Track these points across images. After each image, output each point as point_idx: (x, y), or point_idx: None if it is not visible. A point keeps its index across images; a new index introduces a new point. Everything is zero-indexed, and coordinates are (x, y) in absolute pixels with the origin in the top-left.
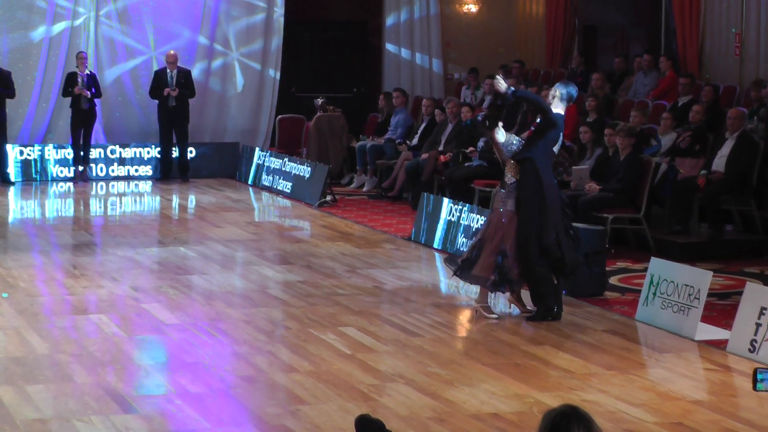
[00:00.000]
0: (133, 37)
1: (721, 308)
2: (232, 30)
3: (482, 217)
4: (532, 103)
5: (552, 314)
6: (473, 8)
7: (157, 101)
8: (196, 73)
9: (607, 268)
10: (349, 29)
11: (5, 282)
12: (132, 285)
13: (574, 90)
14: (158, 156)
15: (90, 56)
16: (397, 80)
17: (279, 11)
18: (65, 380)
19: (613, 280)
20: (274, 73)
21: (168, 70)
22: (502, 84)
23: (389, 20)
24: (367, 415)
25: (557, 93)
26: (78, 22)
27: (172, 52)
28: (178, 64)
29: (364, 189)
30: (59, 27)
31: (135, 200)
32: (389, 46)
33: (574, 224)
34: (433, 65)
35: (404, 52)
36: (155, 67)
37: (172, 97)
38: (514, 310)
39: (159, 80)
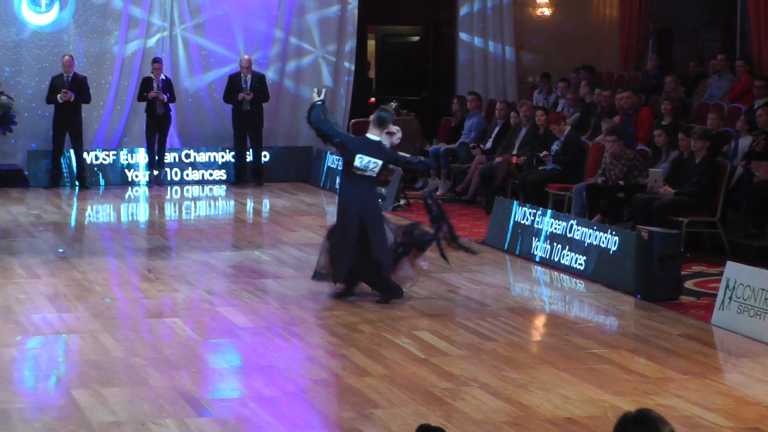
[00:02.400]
0: (215, 43)
1: None
2: (307, 32)
3: (557, 221)
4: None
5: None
6: (546, 11)
7: (231, 105)
8: (270, 75)
9: (682, 272)
10: (422, 32)
11: (81, 286)
12: (206, 289)
13: (385, 114)
14: (232, 160)
15: (165, 61)
16: (471, 84)
17: (351, 16)
18: (140, 383)
19: (688, 284)
20: (348, 77)
21: (242, 75)
22: (315, 96)
23: (463, 10)
24: (427, 425)
25: (371, 117)
26: (153, 28)
27: (246, 56)
28: (253, 69)
29: (438, 193)
30: (134, 32)
31: (209, 204)
32: (462, 37)
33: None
34: (507, 69)
35: (477, 52)
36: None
37: (247, 101)
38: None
39: (233, 85)
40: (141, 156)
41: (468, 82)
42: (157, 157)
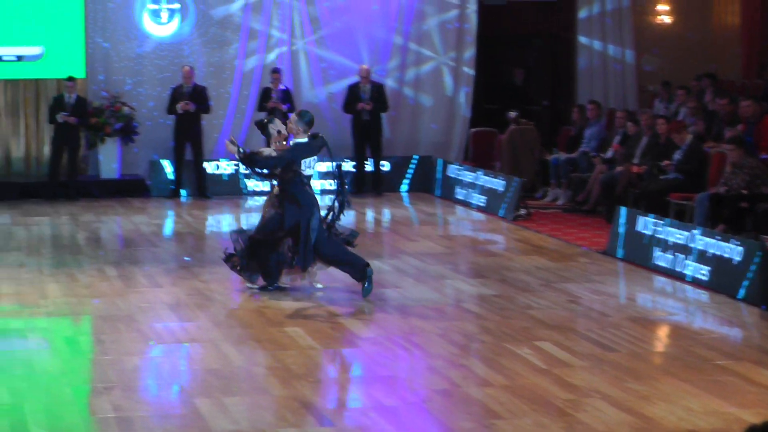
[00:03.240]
0: (335, 53)
1: None
2: (427, 39)
3: (679, 231)
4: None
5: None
6: (667, 19)
7: (350, 115)
8: (390, 84)
9: None
10: (541, 39)
11: (203, 295)
12: (327, 298)
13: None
14: (352, 170)
15: (285, 72)
16: (590, 92)
17: (471, 25)
18: (261, 392)
19: None
20: (467, 86)
21: (361, 85)
22: (232, 148)
23: (582, 13)
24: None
25: (297, 127)
26: (273, 39)
27: (365, 66)
28: (372, 78)
29: (558, 202)
30: (254, 43)
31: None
32: (582, 41)
33: None
34: (627, 75)
35: (597, 56)
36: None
37: (366, 111)
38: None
39: (353, 95)
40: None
41: (588, 89)
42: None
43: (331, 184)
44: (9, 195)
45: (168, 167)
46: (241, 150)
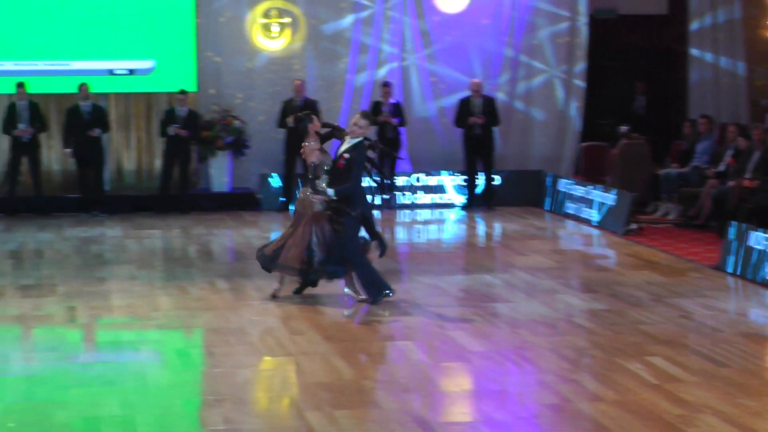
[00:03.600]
0: (447, 67)
1: None
2: (538, 51)
3: None
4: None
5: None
6: None
7: (461, 129)
8: (500, 97)
9: None
10: (652, 55)
11: (313, 308)
12: (437, 312)
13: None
14: (463, 184)
15: (396, 86)
16: (701, 106)
17: (583, 39)
18: (371, 406)
19: None
20: (578, 100)
21: (472, 99)
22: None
23: (693, 26)
24: None
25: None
26: (383, 54)
27: (476, 80)
28: (483, 92)
29: (670, 217)
30: (364, 58)
31: (439, 228)
32: (694, 53)
33: None
34: (739, 88)
35: (709, 68)
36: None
37: (478, 125)
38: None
39: (464, 109)
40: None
41: (699, 103)
42: (387, 181)
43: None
44: (121, 208)
45: (278, 181)
46: (328, 195)
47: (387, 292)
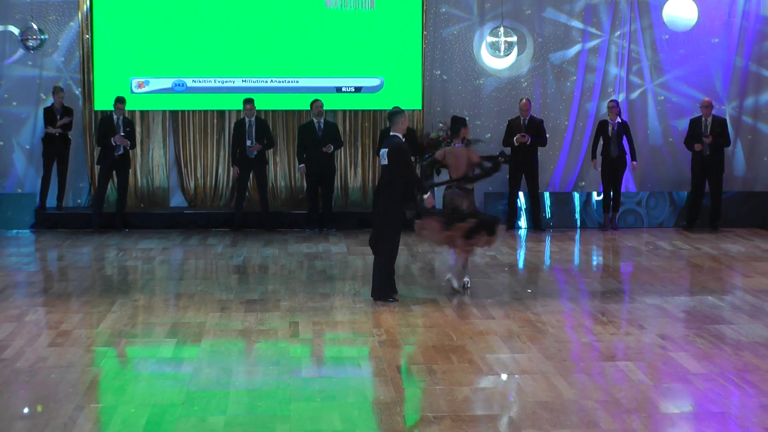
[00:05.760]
0: (675, 87)
1: None
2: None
3: None
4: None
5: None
6: None
7: (690, 152)
8: (729, 112)
9: None
10: None
11: (534, 327)
12: (659, 333)
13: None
14: (687, 204)
15: (622, 105)
16: None
17: None
18: (591, 426)
19: None
20: None
21: (703, 118)
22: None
23: None
24: None
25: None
26: (610, 75)
27: (706, 99)
28: (713, 112)
29: None
30: (591, 75)
31: (663, 248)
32: None
33: None
34: None
35: None
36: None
37: (706, 145)
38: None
39: (694, 129)
40: (597, 200)
41: None
42: (612, 201)
43: None
44: (347, 224)
45: (502, 198)
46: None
47: (390, 299)
